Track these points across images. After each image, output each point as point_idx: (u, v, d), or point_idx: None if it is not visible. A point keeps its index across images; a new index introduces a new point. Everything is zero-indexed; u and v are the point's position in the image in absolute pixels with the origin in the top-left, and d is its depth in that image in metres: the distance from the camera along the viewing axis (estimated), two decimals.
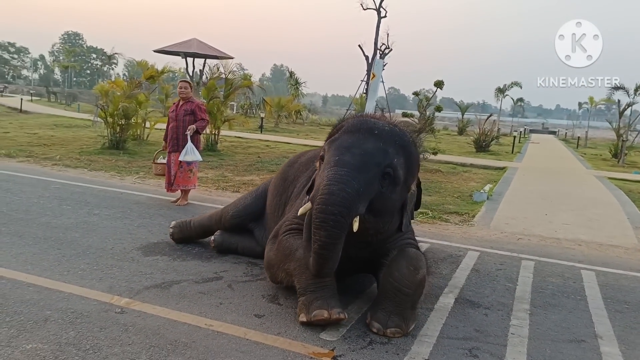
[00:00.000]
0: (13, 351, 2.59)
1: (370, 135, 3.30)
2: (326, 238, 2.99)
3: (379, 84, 8.48)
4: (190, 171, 6.68)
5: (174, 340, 2.84)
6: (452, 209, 7.56)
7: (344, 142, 3.29)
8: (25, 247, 4.28)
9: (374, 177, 3.15)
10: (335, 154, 3.21)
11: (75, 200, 6.24)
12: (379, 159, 3.19)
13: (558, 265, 5.05)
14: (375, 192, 3.17)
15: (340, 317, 3.12)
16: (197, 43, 37.13)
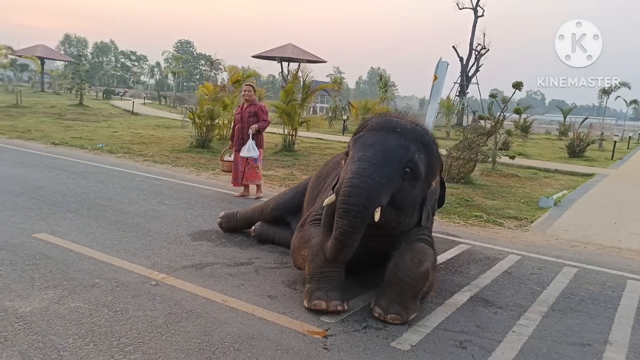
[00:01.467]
0: (60, 307, 3.17)
1: (393, 133, 3.53)
2: (347, 226, 3.23)
3: (442, 86, 8.41)
4: (257, 167, 7.25)
5: (190, 310, 3.27)
6: (512, 213, 7.35)
7: (367, 139, 3.55)
8: (96, 227, 5.01)
9: (395, 172, 3.36)
10: (359, 150, 3.48)
11: (151, 191, 7.04)
12: (400, 155, 3.41)
13: (603, 273, 4.81)
14: (396, 185, 3.39)
15: (338, 309, 3.36)
16: (291, 48, 38.77)
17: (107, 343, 2.77)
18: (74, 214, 5.45)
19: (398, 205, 3.48)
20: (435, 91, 8.26)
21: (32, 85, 48.14)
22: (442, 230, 6.16)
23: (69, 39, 78.99)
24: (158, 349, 2.75)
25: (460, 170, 9.81)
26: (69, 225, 5.00)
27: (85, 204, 5.94)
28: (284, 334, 3.08)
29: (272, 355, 2.79)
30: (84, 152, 10.55)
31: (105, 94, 42.70)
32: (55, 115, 19.26)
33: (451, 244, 5.58)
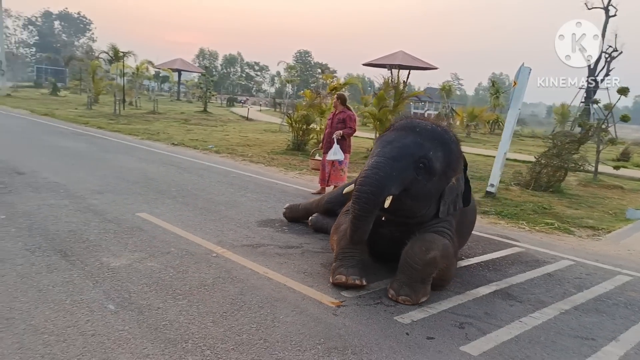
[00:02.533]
0: (139, 265, 4.08)
1: (411, 132, 4.02)
2: (359, 211, 3.77)
3: (523, 92, 8.29)
4: (342, 170, 7.92)
5: (235, 277, 4.01)
6: (590, 223, 7.13)
7: (387, 138, 4.09)
8: (185, 211, 6.01)
9: (407, 166, 3.83)
10: (379, 147, 4.05)
11: (239, 185, 8.03)
12: (413, 151, 3.88)
13: None
14: (409, 178, 3.84)
15: (356, 282, 3.86)
16: (402, 55, 38.71)
17: (165, 292, 3.59)
18: (172, 200, 6.54)
19: (413, 196, 3.91)
20: (516, 97, 8.22)
21: (171, 95, 53.87)
22: (500, 233, 6.26)
23: (203, 52, 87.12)
24: (200, 300, 3.50)
25: (549, 178, 9.52)
26: (165, 208, 6.07)
27: (182, 192, 7.05)
28: (304, 300, 3.67)
29: (287, 314, 3.40)
30: (195, 152, 12.06)
31: (228, 101, 46.50)
32: (181, 120, 21.76)
33: (503, 246, 5.71)
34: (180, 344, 2.88)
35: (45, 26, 79.94)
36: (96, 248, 4.39)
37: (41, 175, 7.35)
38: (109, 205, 5.91)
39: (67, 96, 35.33)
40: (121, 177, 7.74)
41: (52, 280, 3.61)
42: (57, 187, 6.62)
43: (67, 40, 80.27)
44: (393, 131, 4.16)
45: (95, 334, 2.91)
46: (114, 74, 30.81)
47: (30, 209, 5.46)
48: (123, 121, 18.94)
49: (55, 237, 4.57)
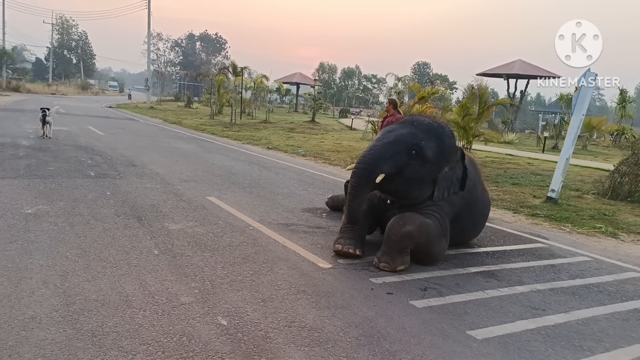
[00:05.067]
0: (188, 230, 5.27)
1: (409, 124, 4.82)
2: (354, 183, 4.54)
3: (587, 98, 8.16)
4: None
5: (256, 242, 5.00)
6: None
7: (388, 128, 4.92)
8: (246, 197, 7.18)
9: (400, 150, 4.58)
10: (380, 134, 4.89)
11: (306, 182, 9.07)
12: (407, 139, 4.64)
13: None
14: (401, 161, 4.56)
15: (350, 251, 4.63)
16: (519, 64, 37.45)
17: (198, 247, 4.70)
18: (240, 189, 7.78)
19: (406, 179, 4.63)
20: (579, 103, 8.16)
21: (290, 107, 57.40)
22: (532, 231, 6.49)
23: (323, 66, 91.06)
24: (221, 254, 4.55)
25: (631, 187, 9.12)
26: (231, 194, 7.31)
27: (252, 184, 8.27)
28: (302, 262, 4.54)
29: (282, 268, 4.30)
30: (284, 155, 13.41)
31: (341, 112, 48.33)
32: (287, 129, 23.60)
33: (527, 241, 5.99)
34: (190, 276, 3.93)
35: (189, 47, 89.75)
36: (164, 217, 5.69)
37: (149, 167, 9.10)
38: (189, 190, 7.30)
39: (198, 108, 39.69)
40: (209, 171, 9.22)
41: (124, 233, 4.92)
42: (156, 176, 8.23)
43: (205, 59, 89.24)
44: (398, 122, 4.96)
45: (138, 265, 4.08)
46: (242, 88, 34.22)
47: (130, 189, 7.03)
48: (235, 129, 21.20)
49: (138, 208, 5.97)
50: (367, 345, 3.01)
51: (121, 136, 14.61)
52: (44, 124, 12.14)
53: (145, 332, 2.95)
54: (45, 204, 5.75)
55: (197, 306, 3.38)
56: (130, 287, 3.60)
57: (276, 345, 2.93)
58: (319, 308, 3.52)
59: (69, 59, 79.08)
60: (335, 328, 3.21)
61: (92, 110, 28.02)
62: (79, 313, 3.11)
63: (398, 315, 3.49)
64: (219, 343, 2.90)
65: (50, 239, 4.51)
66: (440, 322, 3.41)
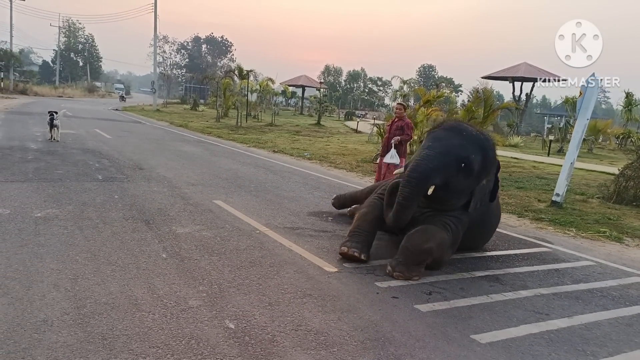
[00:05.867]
0: (196, 233, 5.33)
1: (458, 134, 4.74)
2: (408, 192, 4.54)
3: (591, 102, 8.16)
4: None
5: (263, 247, 5.05)
6: None
7: (438, 135, 4.84)
8: (253, 201, 7.24)
9: (451, 163, 4.56)
10: (430, 141, 4.76)
11: (311, 185, 9.12)
12: (459, 151, 4.59)
13: None
14: (450, 173, 4.57)
15: (355, 254, 4.67)
16: (525, 67, 37.40)
17: (205, 251, 4.76)
18: (247, 192, 7.84)
19: (449, 189, 4.64)
20: (583, 107, 8.17)
21: (295, 109, 57.50)
22: (537, 236, 6.51)
23: (328, 69, 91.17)
24: (228, 257, 4.60)
25: (636, 191, 9.12)
26: (237, 198, 7.37)
27: (258, 188, 8.34)
28: (309, 266, 4.58)
29: (288, 272, 4.35)
30: (290, 158, 13.48)
31: (346, 115, 48.37)
32: (293, 131, 23.68)
33: (531, 245, 6.02)
34: (198, 280, 3.99)
35: (195, 49, 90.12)
36: (171, 220, 5.75)
37: (156, 170, 9.18)
38: (196, 194, 7.37)
39: (204, 111, 39.87)
40: (215, 175, 9.30)
41: (132, 237, 4.99)
42: (164, 180, 8.31)
43: (211, 61, 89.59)
44: (442, 129, 4.88)
45: (147, 269, 4.14)
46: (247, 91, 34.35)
47: (138, 192, 7.10)
48: (241, 132, 21.31)
49: (146, 211, 6.04)
50: (372, 349, 3.06)
51: (128, 139, 14.73)
52: (52, 127, 12.27)
53: (155, 335, 3.01)
54: (54, 207, 5.83)
55: (205, 310, 3.43)
56: (139, 290, 3.66)
57: (283, 348, 2.98)
58: (325, 312, 3.57)
59: (76, 62, 79.64)
60: (341, 332, 3.26)
61: (98, 112, 28.23)
62: (89, 316, 3.18)
63: (403, 319, 3.53)
64: (226, 346, 2.95)
65: (60, 242, 4.58)
66: (444, 326, 3.45)
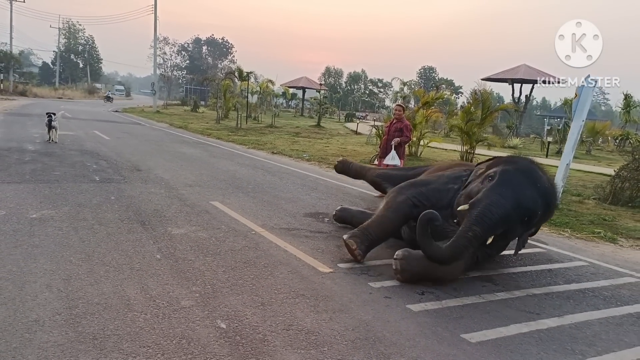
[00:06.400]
0: (191, 234, 5.35)
1: (532, 185, 4.24)
2: (479, 232, 4.00)
3: (587, 104, 8.18)
4: None
5: (258, 247, 5.07)
6: None
7: (513, 180, 4.23)
8: (250, 202, 7.25)
9: (519, 217, 4.21)
10: (503, 186, 4.18)
11: (309, 186, 9.13)
12: (529, 206, 4.16)
13: None
14: (513, 225, 4.21)
15: (358, 257, 4.65)
16: (524, 69, 37.41)
17: (200, 251, 4.77)
18: (244, 194, 7.86)
19: (502, 236, 4.35)
20: (579, 109, 8.19)
21: (296, 111, 57.56)
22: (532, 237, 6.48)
23: (329, 70, 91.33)
24: (223, 258, 4.62)
25: (632, 192, 9.13)
26: (235, 199, 7.39)
27: (256, 189, 8.35)
28: (303, 266, 4.60)
29: (282, 272, 4.36)
30: (288, 159, 13.50)
31: (347, 117, 48.41)
32: (292, 133, 23.70)
33: (527, 247, 5.95)
34: (192, 280, 4.01)
35: (195, 51, 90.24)
36: (167, 221, 5.77)
37: (154, 172, 9.20)
38: (193, 195, 7.39)
39: (205, 112, 39.91)
40: (213, 176, 9.32)
41: (127, 238, 5.01)
42: (161, 181, 8.33)
43: (212, 63, 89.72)
44: (517, 172, 4.30)
45: (140, 269, 4.16)
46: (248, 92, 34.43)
47: (135, 194, 7.12)
48: (240, 133, 21.32)
49: (142, 213, 6.06)
50: (362, 348, 3.07)
51: (127, 141, 14.76)
52: (50, 128, 12.31)
53: (146, 335, 3.03)
54: (50, 208, 5.85)
55: (198, 310, 3.45)
56: (132, 291, 3.68)
57: (273, 348, 3.00)
58: (317, 312, 3.58)
59: (76, 63, 79.80)
60: (332, 331, 3.27)
61: (98, 114, 28.28)
62: (81, 316, 3.19)
63: (394, 319, 3.55)
64: (217, 346, 2.97)
65: (55, 243, 4.60)
66: (435, 326, 3.46)
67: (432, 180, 5.20)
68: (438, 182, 5.08)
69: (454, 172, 5.23)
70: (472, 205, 4.14)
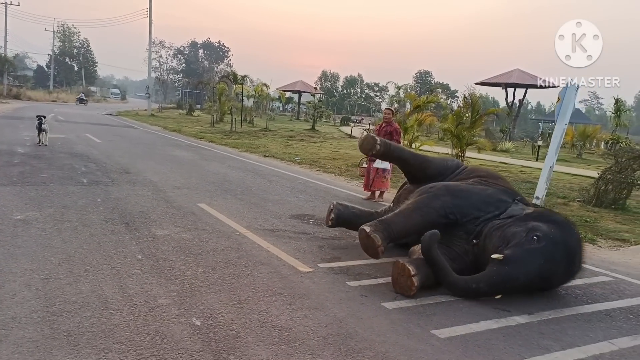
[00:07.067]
0: (175, 235, 5.41)
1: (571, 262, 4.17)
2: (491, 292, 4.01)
3: (569, 109, 8.28)
4: (385, 177, 8.76)
5: (241, 248, 5.13)
6: (626, 237, 7.08)
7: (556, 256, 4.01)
8: (237, 204, 7.31)
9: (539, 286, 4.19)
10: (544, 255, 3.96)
11: (298, 189, 9.20)
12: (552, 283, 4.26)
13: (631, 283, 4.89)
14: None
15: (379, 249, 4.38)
16: (517, 74, 37.66)
17: (182, 252, 4.83)
18: (232, 196, 7.92)
19: None
20: (562, 113, 8.28)
21: (292, 115, 57.63)
22: None
23: (325, 74, 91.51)
24: (204, 258, 4.68)
25: (615, 194, 9.24)
26: (222, 201, 7.45)
27: (244, 191, 8.42)
28: (283, 266, 4.66)
29: (262, 272, 4.42)
30: (280, 162, 13.56)
31: (342, 121, 48.54)
32: (286, 137, 23.77)
33: None
34: (171, 280, 4.06)
35: (191, 54, 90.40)
36: (152, 223, 5.83)
37: (143, 174, 9.25)
38: (180, 197, 7.44)
39: (200, 116, 39.97)
40: (203, 178, 9.38)
41: (110, 239, 5.06)
42: (149, 183, 8.38)
43: (208, 66, 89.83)
44: (563, 247, 4.07)
45: (121, 269, 4.21)
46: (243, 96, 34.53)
47: (121, 196, 7.18)
48: (234, 137, 21.39)
49: (127, 214, 6.12)
50: (333, 343, 3.14)
51: (118, 144, 14.80)
52: (40, 131, 12.34)
53: (120, 332, 3.08)
54: (35, 210, 5.90)
55: (174, 308, 3.51)
56: (110, 290, 3.73)
57: (245, 343, 3.06)
58: (292, 309, 3.64)
59: (71, 67, 79.81)
60: (305, 328, 3.34)
61: (92, 117, 28.30)
62: (57, 314, 3.25)
63: (368, 316, 3.61)
64: (190, 342, 3.03)
65: (37, 244, 4.65)
66: (407, 322, 3.53)
67: (473, 192, 4.78)
68: (479, 198, 4.69)
69: (497, 193, 4.82)
70: (506, 261, 3.94)
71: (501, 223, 4.37)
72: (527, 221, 4.27)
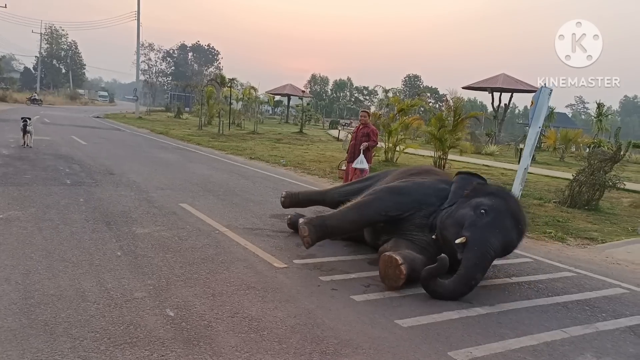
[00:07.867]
0: (155, 233, 5.53)
1: (517, 226, 4.46)
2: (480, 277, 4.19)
3: (543, 112, 8.54)
4: (363, 177, 8.93)
5: (219, 245, 5.27)
6: (594, 235, 7.33)
7: (506, 222, 4.35)
8: (218, 204, 7.44)
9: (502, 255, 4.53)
10: (498, 227, 4.27)
11: (280, 190, 9.28)
12: (514, 247, 4.55)
13: (592, 278, 5.08)
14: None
15: (305, 240, 4.80)
16: (503, 78, 38.16)
17: (161, 249, 4.96)
18: (214, 196, 8.05)
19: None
20: (536, 116, 8.54)
21: (281, 118, 57.80)
22: None
23: (315, 78, 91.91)
24: (182, 255, 4.81)
25: (589, 195, 9.51)
26: (204, 201, 7.57)
27: (227, 192, 8.55)
28: (259, 262, 4.81)
29: (238, 267, 4.57)
30: (265, 164, 13.71)
31: (331, 124, 48.78)
32: (274, 139, 23.90)
33: None
34: (148, 275, 4.20)
35: (181, 57, 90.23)
36: (133, 222, 5.95)
37: (127, 176, 9.34)
38: (162, 197, 7.56)
39: (188, 119, 39.95)
40: (187, 180, 9.49)
41: (90, 237, 5.17)
42: (133, 184, 8.48)
43: (198, 69, 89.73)
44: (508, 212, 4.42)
45: (100, 265, 4.34)
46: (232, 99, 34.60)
47: (104, 196, 7.28)
48: (222, 139, 21.49)
49: (109, 214, 6.23)
50: (300, 332, 3.30)
51: (104, 146, 14.84)
52: (25, 133, 12.36)
53: (96, 322, 3.21)
54: (17, 209, 5.99)
55: (149, 300, 3.64)
56: (88, 284, 3.86)
57: (216, 332, 3.21)
58: (264, 302, 3.80)
59: (58, 69, 79.28)
60: (274, 318, 3.49)
61: (78, 120, 28.21)
62: (35, 306, 3.37)
63: (336, 307, 3.78)
64: (162, 331, 3.17)
65: (18, 241, 4.76)
66: (373, 313, 3.70)
67: (411, 189, 5.06)
68: (418, 193, 4.97)
69: (433, 184, 5.12)
70: (470, 243, 4.17)
71: (448, 211, 4.64)
72: (469, 200, 4.58)
